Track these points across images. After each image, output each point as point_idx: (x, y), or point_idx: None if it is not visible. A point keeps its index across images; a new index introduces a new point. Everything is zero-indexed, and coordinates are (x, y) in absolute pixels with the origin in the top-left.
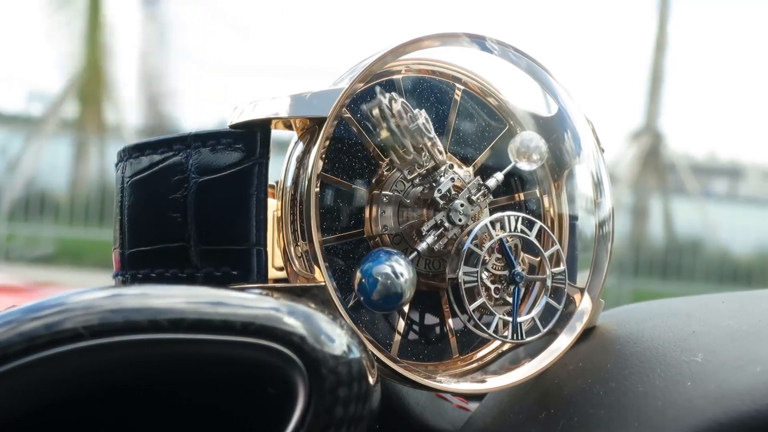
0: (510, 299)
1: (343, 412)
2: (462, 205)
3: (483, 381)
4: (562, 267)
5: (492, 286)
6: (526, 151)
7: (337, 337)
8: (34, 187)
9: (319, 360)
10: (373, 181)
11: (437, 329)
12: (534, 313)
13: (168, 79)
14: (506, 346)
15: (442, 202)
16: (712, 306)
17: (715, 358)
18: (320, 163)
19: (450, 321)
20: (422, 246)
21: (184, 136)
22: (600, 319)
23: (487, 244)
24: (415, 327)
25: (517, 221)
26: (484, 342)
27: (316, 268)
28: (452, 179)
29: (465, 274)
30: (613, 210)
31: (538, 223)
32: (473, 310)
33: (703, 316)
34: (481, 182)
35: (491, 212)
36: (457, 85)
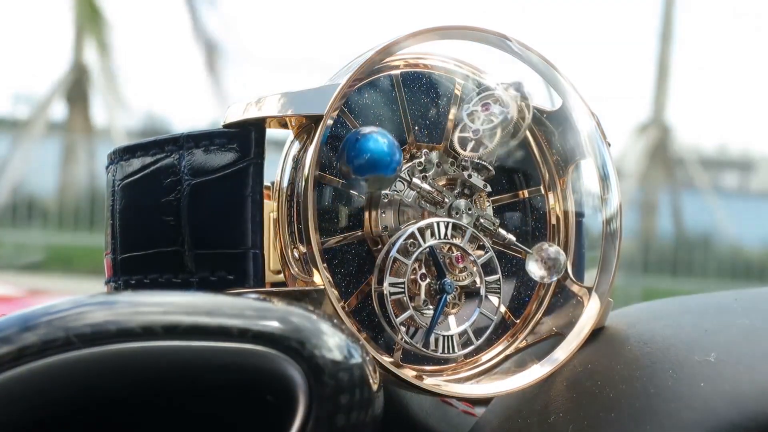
0: (452, 312)
1: (345, 420)
2: (469, 209)
3: (489, 385)
4: (497, 275)
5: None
6: (550, 264)
7: (337, 342)
8: (22, 192)
9: (320, 366)
10: None
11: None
12: (467, 324)
13: None
14: (511, 350)
15: (459, 188)
16: (725, 304)
17: (729, 358)
18: (317, 163)
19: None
20: (416, 181)
21: (176, 137)
22: (609, 318)
23: (416, 253)
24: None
25: (447, 227)
26: (490, 344)
27: (314, 270)
28: (484, 185)
29: (391, 285)
30: (621, 206)
31: (470, 230)
32: (400, 323)
33: (715, 314)
34: (497, 220)
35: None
36: (458, 79)
